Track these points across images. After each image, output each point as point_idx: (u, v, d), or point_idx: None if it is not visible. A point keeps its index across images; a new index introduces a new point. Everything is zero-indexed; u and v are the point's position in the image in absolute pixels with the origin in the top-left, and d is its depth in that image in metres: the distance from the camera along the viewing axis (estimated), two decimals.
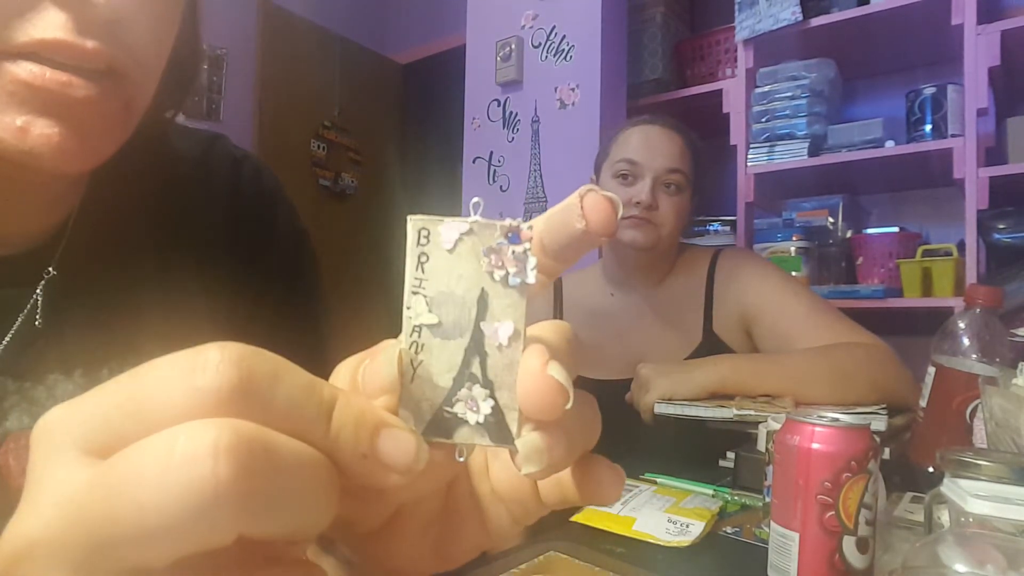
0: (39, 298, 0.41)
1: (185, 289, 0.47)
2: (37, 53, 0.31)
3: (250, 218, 0.52)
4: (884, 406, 0.83)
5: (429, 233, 0.19)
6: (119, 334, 0.43)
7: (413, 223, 0.19)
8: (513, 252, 0.19)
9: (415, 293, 0.19)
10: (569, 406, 0.18)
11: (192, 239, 0.49)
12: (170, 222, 0.48)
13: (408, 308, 0.19)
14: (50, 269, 0.42)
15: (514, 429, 0.18)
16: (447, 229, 0.19)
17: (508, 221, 0.19)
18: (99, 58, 0.33)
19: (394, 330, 0.20)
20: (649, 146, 1.12)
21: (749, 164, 1.92)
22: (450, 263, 0.19)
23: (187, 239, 0.48)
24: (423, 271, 0.19)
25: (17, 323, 0.40)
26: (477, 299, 0.19)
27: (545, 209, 1.53)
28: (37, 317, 0.41)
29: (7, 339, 0.40)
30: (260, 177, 0.54)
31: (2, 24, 0.31)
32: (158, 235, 0.47)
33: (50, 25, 0.31)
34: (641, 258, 1.16)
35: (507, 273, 0.19)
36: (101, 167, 0.42)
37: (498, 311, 0.19)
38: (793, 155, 1.85)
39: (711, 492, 0.77)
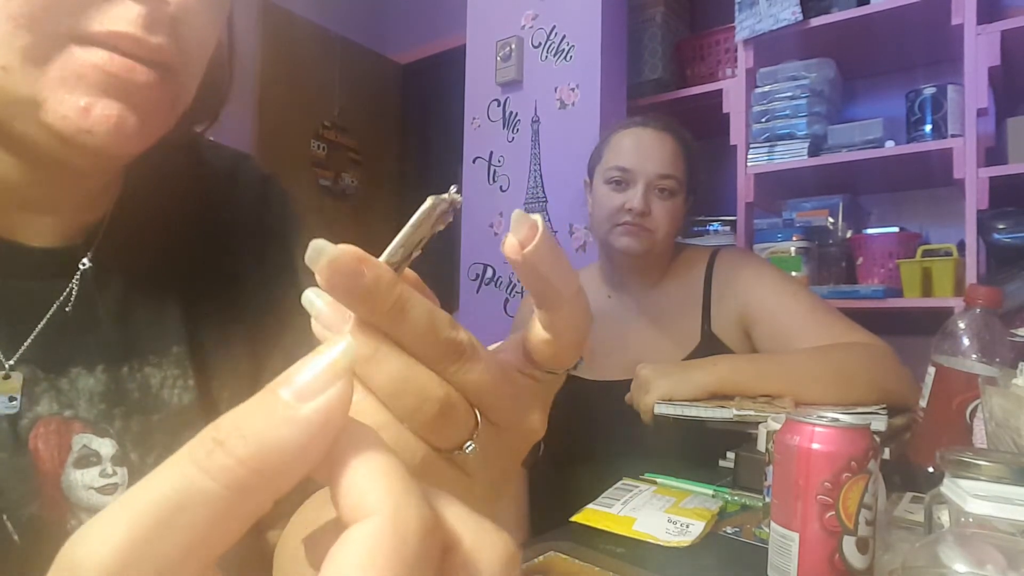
0: (74, 288, 0.43)
1: (210, 296, 0.49)
2: (109, 42, 0.34)
3: (277, 235, 0.54)
4: (884, 406, 0.83)
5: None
6: (143, 332, 0.45)
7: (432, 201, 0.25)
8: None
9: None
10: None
11: (220, 248, 0.50)
12: (199, 230, 0.50)
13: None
14: (85, 261, 0.44)
15: None
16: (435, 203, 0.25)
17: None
18: (163, 53, 0.36)
19: None
20: (641, 151, 1.12)
21: (749, 164, 1.92)
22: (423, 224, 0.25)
23: (215, 248, 0.50)
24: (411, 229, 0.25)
25: (50, 312, 0.42)
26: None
27: (545, 209, 1.52)
28: (69, 305, 0.43)
29: (39, 327, 0.42)
30: (286, 199, 0.57)
31: (80, 12, 0.34)
32: (187, 240, 0.49)
33: (124, 18, 0.34)
34: (636, 262, 1.16)
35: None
36: (135, 172, 0.46)
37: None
38: (793, 155, 1.85)
39: (711, 492, 0.77)
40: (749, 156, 1.92)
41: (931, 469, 0.72)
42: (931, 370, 0.75)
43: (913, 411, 0.80)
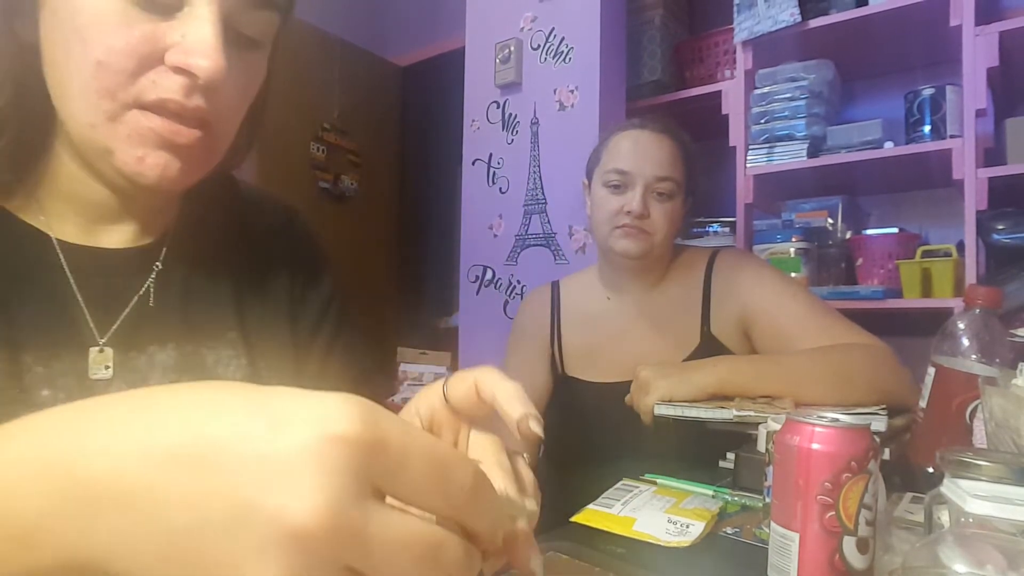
0: (151, 285, 0.55)
1: (253, 295, 0.61)
2: (158, 106, 0.46)
3: (303, 253, 0.68)
4: (884, 407, 0.83)
5: None
6: (203, 320, 0.57)
7: None
8: None
9: None
10: None
11: (256, 255, 0.63)
12: (240, 242, 0.62)
13: None
14: (158, 263, 0.56)
15: None
16: None
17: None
18: (198, 114, 0.47)
19: (396, 328, 0.23)
20: (639, 154, 1.12)
21: (748, 165, 1.92)
22: None
23: (252, 255, 0.63)
24: None
25: (131, 304, 0.54)
26: None
27: (544, 211, 1.52)
28: (151, 299, 0.55)
29: (124, 315, 0.53)
30: (308, 226, 0.71)
31: (141, 85, 0.45)
32: (232, 249, 0.61)
33: (170, 88, 0.46)
34: (635, 264, 1.16)
35: None
36: (188, 196, 0.58)
37: None
38: (792, 156, 1.85)
39: (711, 493, 0.77)
40: (748, 157, 1.92)
41: (931, 469, 0.72)
42: (931, 371, 0.75)
43: (913, 412, 0.80)
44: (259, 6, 0.49)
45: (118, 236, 0.55)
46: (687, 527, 0.64)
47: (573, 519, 0.68)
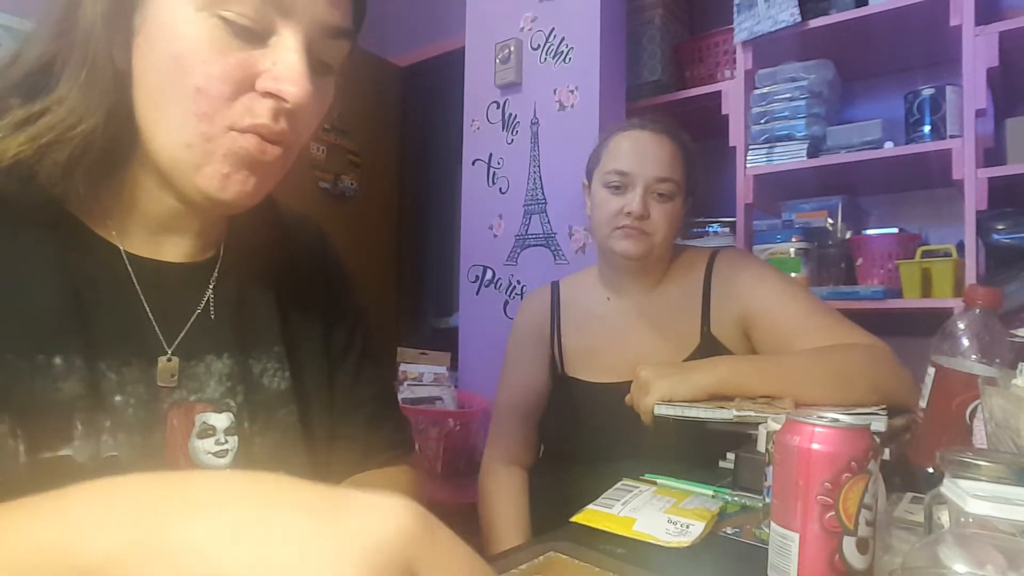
0: (211, 299, 0.59)
1: (294, 312, 0.65)
2: (252, 129, 0.50)
3: (331, 276, 0.72)
4: (884, 407, 0.83)
5: None
6: (253, 334, 0.61)
7: None
8: None
9: None
10: None
11: (296, 277, 0.67)
12: (284, 260, 0.66)
13: None
14: (214, 278, 0.60)
15: None
16: None
17: None
18: (284, 135, 0.51)
19: (396, 328, 0.22)
20: (639, 154, 1.12)
21: (748, 165, 1.92)
22: None
23: (292, 277, 0.66)
24: None
25: (194, 316, 0.57)
26: None
27: (544, 211, 1.53)
28: (211, 312, 0.59)
29: (187, 327, 0.57)
30: (336, 246, 0.76)
31: (235, 110, 0.49)
32: (275, 267, 0.65)
33: (261, 113, 0.49)
34: (635, 265, 1.16)
35: None
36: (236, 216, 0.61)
37: None
38: (792, 156, 1.85)
39: (711, 493, 0.77)
40: (748, 157, 1.92)
41: (931, 469, 0.72)
42: (931, 371, 0.75)
43: (913, 412, 0.80)
44: (336, 35, 0.53)
45: (178, 250, 0.58)
46: (687, 527, 0.64)
47: (573, 519, 0.68)
